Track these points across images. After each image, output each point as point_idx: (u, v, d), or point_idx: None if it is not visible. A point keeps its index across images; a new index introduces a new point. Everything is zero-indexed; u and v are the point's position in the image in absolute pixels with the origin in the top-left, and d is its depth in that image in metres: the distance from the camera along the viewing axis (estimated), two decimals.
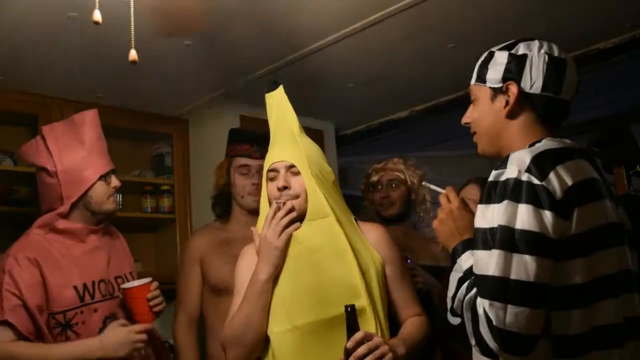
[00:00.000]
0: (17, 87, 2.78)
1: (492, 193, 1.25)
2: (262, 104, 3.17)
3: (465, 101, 1.55)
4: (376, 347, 1.56)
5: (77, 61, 2.54)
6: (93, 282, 1.98)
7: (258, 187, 2.37)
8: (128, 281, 2.08)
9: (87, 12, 1.68)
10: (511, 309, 1.16)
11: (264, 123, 3.39)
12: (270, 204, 1.81)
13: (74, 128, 2.07)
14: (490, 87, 1.42)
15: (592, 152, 2.51)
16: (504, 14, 2.39)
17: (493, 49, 1.45)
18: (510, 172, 1.23)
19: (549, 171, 1.22)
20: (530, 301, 1.17)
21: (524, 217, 1.19)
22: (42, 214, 2.01)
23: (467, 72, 2.80)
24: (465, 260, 1.32)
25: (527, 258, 1.17)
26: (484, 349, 1.22)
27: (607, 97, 3.48)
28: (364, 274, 1.71)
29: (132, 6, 1.76)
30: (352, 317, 1.57)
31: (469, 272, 1.30)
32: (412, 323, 1.84)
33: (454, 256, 1.37)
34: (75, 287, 1.92)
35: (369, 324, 1.65)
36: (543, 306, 1.19)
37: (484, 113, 1.43)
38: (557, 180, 1.22)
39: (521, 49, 1.40)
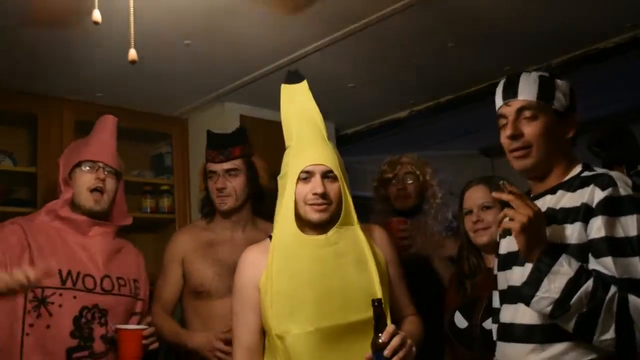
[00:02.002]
0: (16, 87, 2.78)
1: (617, 206, 1.43)
2: (262, 104, 3.20)
3: (466, 101, 1.56)
4: (405, 340, 1.57)
5: (76, 61, 2.54)
6: (78, 273, 2.00)
7: (222, 190, 2.37)
8: (125, 286, 2.11)
9: (87, 12, 1.68)
10: None
11: (264, 123, 3.38)
12: (296, 204, 1.76)
13: (92, 130, 2.22)
14: (555, 110, 1.57)
15: (593, 152, 2.51)
16: (504, 14, 2.39)
17: (544, 74, 1.61)
18: (624, 190, 1.45)
19: None
20: None
21: None
22: None
23: (467, 72, 2.81)
24: (569, 265, 1.40)
25: None
26: (625, 344, 1.36)
27: (607, 97, 3.48)
28: (381, 283, 1.72)
29: (131, 6, 1.75)
30: (379, 311, 1.57)
31: (581, 274, 1.39)
32: (412, 322, 1.88)
33: (542, 261, 1.43)
34: (60, 270, 1.95)
35: None
36: None
37: (550, 132, 1.56)
38: None
39: (566, 82, 1.62)
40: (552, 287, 1.38)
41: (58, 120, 2.91)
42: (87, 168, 2.09)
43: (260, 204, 2.47)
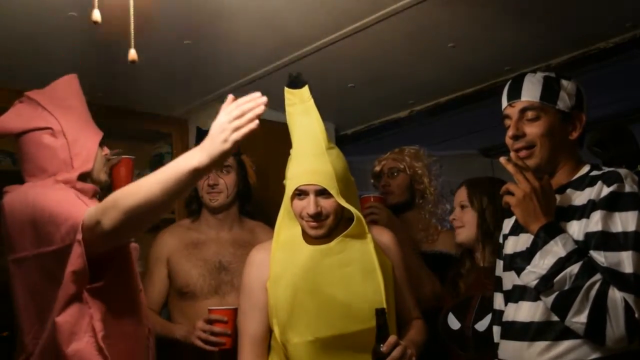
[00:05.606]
0: (16, 87, 2.77)
1: (618, 202, 1.46)
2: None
3: (466, 101, 1.58)
4: (406, 351, 1.59)
5: (76, 61, 2.53)
6: None
7: (214, 187, 2.37)
8: None
9: (86, 12, 1.68)
10: None
11: (264, 123, 3.36)
12: (295, 219, 1.81)
13: (56, 94, 1.95)
14: (559, 110, 1.62)
15: (593, 152, 2.51)
16: (504, 14, 2.39)
17: (549, 74, 1.64)
18: (629, 187, 1.48)
19: None
20: None
21: None
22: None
23: (467, 72, 2.80)
24: (564, 245, 1.44)
25: None
26: (594, 331, 1.38)
27: (607, 97, 3.47)
28: (387, 292, 1.73)
29: (131, 5, 1.76)
30: (382, 320, 1.58)
31: (572, 256, 1.42)
32: (416, 326, 1.88)
33: (539, 236, 1.48)
34: None
35: None
36: None
37: (553, 132, 1.61)
38: None
39: (573, 82, 1.67)
40: (542, 263, 1.44)
41: None
42: (103, 146, 1.92)
43: (248, 202, 2.47)
